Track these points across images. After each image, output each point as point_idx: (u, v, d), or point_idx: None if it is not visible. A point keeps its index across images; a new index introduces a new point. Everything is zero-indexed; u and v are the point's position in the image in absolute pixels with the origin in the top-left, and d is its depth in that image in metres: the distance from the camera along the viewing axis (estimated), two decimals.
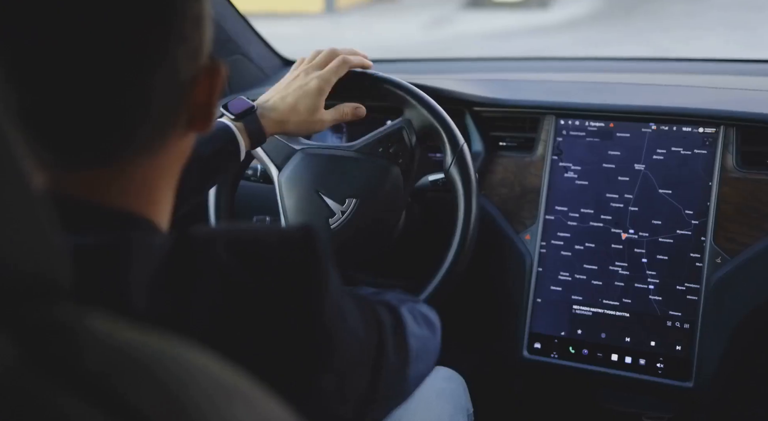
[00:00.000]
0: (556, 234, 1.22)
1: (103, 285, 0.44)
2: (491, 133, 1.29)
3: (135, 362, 0.34)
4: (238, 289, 0.48)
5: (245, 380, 0.38)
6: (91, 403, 0.31)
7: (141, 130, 0.49)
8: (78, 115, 0.47)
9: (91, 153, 0.49)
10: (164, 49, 0.48)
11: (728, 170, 1.14)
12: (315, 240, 0.52)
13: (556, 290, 1.22)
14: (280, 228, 0.53)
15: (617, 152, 1.20)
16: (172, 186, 0.56)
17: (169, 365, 0.35)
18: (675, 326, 1.15)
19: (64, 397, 0.30)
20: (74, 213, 0.48)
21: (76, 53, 0.45)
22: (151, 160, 0.52)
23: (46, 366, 0.31)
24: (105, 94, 0.47)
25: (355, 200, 1.09)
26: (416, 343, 0.64)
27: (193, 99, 0.53)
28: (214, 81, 0.54)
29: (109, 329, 0.35)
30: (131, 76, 0.47)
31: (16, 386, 0.29)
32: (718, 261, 1.13)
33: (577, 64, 1.70)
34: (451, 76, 1.44)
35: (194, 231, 0.50)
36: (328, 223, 1.09)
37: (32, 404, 0.29)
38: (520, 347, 1.22)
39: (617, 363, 1.17)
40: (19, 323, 0.32)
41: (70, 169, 0.49)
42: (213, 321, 0.46)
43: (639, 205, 1.18)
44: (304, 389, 0.50)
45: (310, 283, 0.51)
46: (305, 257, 0.51)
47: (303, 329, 0.50)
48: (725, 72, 1.53)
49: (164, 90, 0.49)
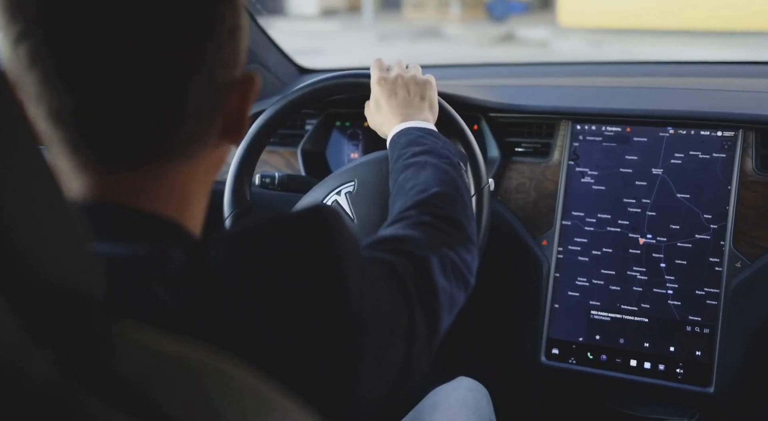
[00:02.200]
0: (573, 239, 1.22)
1: (135, 295, 0.45)
2: (507, 138, 1.29)
3: (169, 371, 0.34)
4: (261, 291, 0.47)
5: (279, 392, 0.38)
6: (125, 411, 0.31)
7: (176, 135, 0.51)
8: (117, 117, 0.48)
9: (128, 154, 0.50)
10: (202, 56, 0.49)
11: (747, 174, 1.13)
12: (324, 220, 0.51)
13: (573, 296, 1.21)
14: (288, 217, 0.52)
15: (634, 157, 1.19)
16: (204, 194, 0.57)
17: (202, 374, 0.35)
18: (695, 331, 1.14)
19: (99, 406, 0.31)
20: (109, 216, 0.50)
21: (117, 57, 0.46)
22: (185, 167, 0.53)
23: (81, 376, 0.31)
24: (143, 97, 0.48)
25: (353, 181, 1.08)
26: (443, 299, 0.63)
27: (228, 107, 0.54)
28: (247, 90, 0.55)
29: (143, 338, 0.35)
30: (169, 80, 0.48)
31: (53, 395, 0.30)
32: (738, 265, 1.12)
33: (592, 69, 1.69)
34: (467, 81, 1.44)
35: (211, 237, 0.50)
36: None
37: (69, 414, 0.30)
38: (538, 353, 1.21)
39: (636, 369, 1.17)
40: (58, 336, 0.32)
41: (109, 170, 0.50)
42: (243, 325, 0.46)
43: (657, 210, 1.17)
44: (345, 381, 0.49)
45: (330, 270, 0.50)
46: (318, 243, 0.50)
47: (333, 322, 0.49)
48: (743, 75, 1.51)
49: (200, 96, 0.50)
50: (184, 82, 0.49)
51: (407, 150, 0.87)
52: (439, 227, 0.70)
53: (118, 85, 0.47)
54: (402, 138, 0.91)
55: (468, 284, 0.70)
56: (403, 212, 0.73)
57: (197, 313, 0.45)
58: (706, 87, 1.36)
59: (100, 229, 0.49)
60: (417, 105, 0.98)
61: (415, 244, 0.66)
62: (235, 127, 0.55)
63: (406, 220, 0.71)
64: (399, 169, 0.85)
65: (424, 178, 0.79)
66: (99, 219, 0.50)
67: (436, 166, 0.81)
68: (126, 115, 0.48)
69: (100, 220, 0.50)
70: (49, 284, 0.33)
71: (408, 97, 0.98)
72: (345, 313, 0.49)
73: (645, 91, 1.35)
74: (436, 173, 0.80)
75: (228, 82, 0.53)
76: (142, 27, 0.46)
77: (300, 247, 0.50)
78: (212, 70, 0.50)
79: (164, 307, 0.44)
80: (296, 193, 1.15)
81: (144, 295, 0.45)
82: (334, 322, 0.49)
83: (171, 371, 0.34)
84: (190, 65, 0.49)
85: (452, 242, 0.70)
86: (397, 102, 0.98)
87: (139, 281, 0.45)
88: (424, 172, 0.81)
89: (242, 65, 0.55)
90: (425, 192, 0.76)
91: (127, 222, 0.50)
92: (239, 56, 0.54)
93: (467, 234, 0.73)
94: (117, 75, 0.47)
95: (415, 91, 0.99)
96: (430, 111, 0.98)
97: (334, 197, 1.07)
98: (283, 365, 0.45)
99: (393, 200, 0.81)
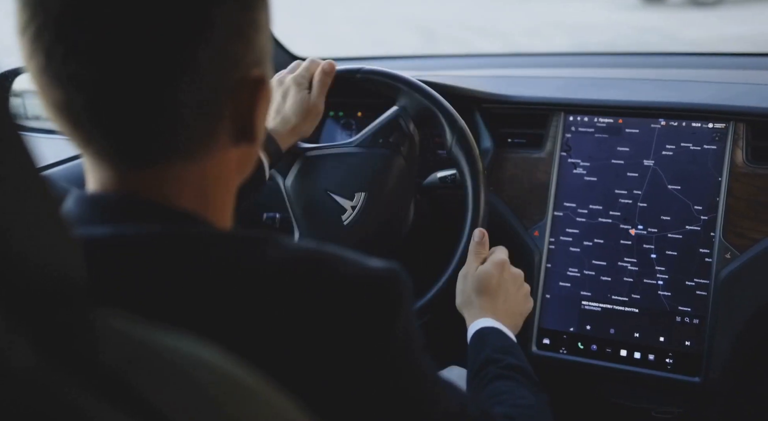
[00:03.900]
0: (564, 230, 1.22)
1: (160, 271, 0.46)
2: (500, 129, 1.29)
3: (152, 359, 0.34)
4: (302, 310, 0.47)
5: (263, 381, 0.38)
6: (109, 399, 0.31)
7: (177, 136, 0.50)
8: (117, 118, 0.48)
9: (138, 153, 0.50)
10: (194, 57, 0.48)
11: (738, 166, 1.14)
12: (397, 284, 0.51)
13: (564, 286, 1.22)
14: (365, 264, 0.51)
15: (626, 148, 1.20)
16: (228, 195, 0.56)
17: (186, 362, 0.35)
18: (684, 321, 1.15)
19: (82, 393, 0.31)
20: (131, 207, 0.50)
21: (106, 59, 0.46)
22: (197, 167, 0.52)
23: (65, 363, 0.31)
24: (135, 98, 0.48)
25: (363, 194, 1.09)
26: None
27: (234, 111, 0.52)
28: (255, 94, 0.53)
29: (126, 326, 0.35)
30: (160, 81, 0.47)
31: (36, 383, 0.30)
32: (728, 257, 1.12)
33: (585, 60, 1.69)
34: (460, 72, 1.44)
35: (273, 238, 0.50)
36: (341, 220, 1.09)
37: (52, 401, 0.30)
38: (529, 343, 1.22)
39: (626, 359, 1.17)
40: (37, 322, 0.32)
41: (130, 166, 0.51)
42: (265, 335, 0.46)
43: (648, 201, 1.18)
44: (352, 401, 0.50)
45: (377, 328, 0.49)
46: (381, 300, 0.50)
47: (360, 366, 0.49)
48: (734, 66, 1.52)
49: (194, 99, 0.49)
50: (176, 83, 0.48)
51: (503, 357, 0.85)
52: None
53: (112, 87, 0.47)
54: (493, 339, 0.89)
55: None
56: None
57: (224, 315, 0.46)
58: (697, 79, 1.37)
59: (119, 216, 0.50)
60: (511, 314, 0.96)
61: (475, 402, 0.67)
62: (246, 129, 0.53)
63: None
64: (492, 374, 0.83)
65: (528, 404, 0.78)
66: (123, 206, 0.50)
67: (537, 397, 0.81)
68: (123, 117, 0.48)
69: (123, 207, 0.50)
70: (27, 268, 0.32)
71: (509, 303, 0.97)
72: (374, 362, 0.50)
73: (637, 82, 1.35)
74: (538, 405, 0.80)
75: (231, 84, 0.51)
76: (133, 27, 0.46)
77: (364, 300, 0.49)
78: (208, 71, 0.49)
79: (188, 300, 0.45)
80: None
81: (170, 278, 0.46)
82: (361, 365, 0.49)
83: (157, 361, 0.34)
84: (182, 67, 0.47)
85: None
86: (500, 298, 0.96)
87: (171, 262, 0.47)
88: (526, 394, 0.80)
89: (252, 66, 0.52)
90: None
91: (150, 210, 0.51)
92: (246, 57, 0.51)
93: None
94: (108, 77, 0.47)
95: (519, 301, 0.98)
96: (515, 329, 0.96)
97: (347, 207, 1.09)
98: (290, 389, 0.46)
99: (482, 400, 0.79)
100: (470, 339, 0.91)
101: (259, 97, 0.53)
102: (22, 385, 0.29)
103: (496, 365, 0.84)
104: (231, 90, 0.51)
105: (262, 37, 0.53)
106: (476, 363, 0.86)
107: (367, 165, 1.10)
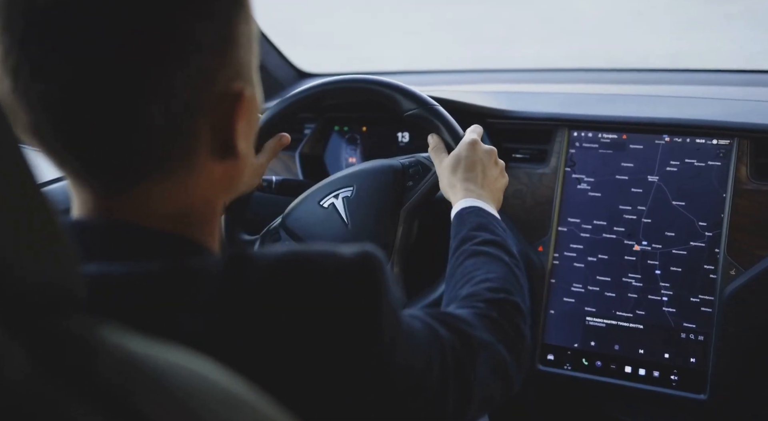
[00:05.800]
0: (568, 246, 1.22)
1: (153, 310, 0.45)
2: (505, 144, 1.29)
3: (147, 372, 0.34)
4: (290, 317, 0.47)
5: (254, 392, 0.38)
6: (103, 412, 0.31)
7: (151, 155, 0.49)
8: (87, 139, 0.47)
9: (113, 174, 0.49)
10: (163, 75, 0.46)
11: (742, 182, 1.14)
12: (374, 270, 0.50)
13: (569, 302, 1.21)
14: (337, 257, 0.50)
15: (630, 164, 1.20)
16: (214, 210, 0.55)
17: (180, 377, 0.35)
18: (689, 338, 1.14)
19: (77, 406, 0.31)
20: (115, 237, 0.49)
21: (74, 77, 0.45)
22: (180, 184, 0.51)
23: (60, 375, 0.31)
24: (103, 119, 0.47)
25: (352, 187, 1.08)
26: (478, 387, 0.63)
27: (214, 126, 0.51)
28: (234, 108, 0.51)
29: (122, 340, 0.35)
30: (128, 101, 0.46)
31: (30, 394, 0.30)
32: (732, 273, 1.12)
33: (589, 76, 1.70)
34: (465, 87, 1.44)
35: (249, 254, 0.49)
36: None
37: (46, 413, 0.30)
38: (534, 359, 1.22)
39: (631, 375, 1.17)
40: (33, 332, 0.32)
41: (108, 188, 0.50)
42: (262, 348, 0.46)
43: (652, 217, 1.18)
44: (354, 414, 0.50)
45: (369, 320, 0.49)
46: (361, 289, 0.49)
47: (356, 364, 0.49)
48: (739, 83, 1.52)
49: (167, 116, 0.48)
50: (146, 101, 0.46)
51: (478, 234, 0.85)
52: (503, 328, 0.71)
53: (74, 106, 0.46)
54: (472, 217, 0.88)
55: (511, 388, 0.70)
56: (471, 301, 0.73)
57: (221, 329, 0.45)
58: (702, 95, 1.37)
59: (104, 246, 0.49)
60: (491, 189, 0.96)
61: (472, 328, 0.66)
62: (228, 145, 0.52)
63: (473, 309, 0.71)
64: (467, 252, 0.82)
65: (497, 277, 0.78)
66: (102, 236, 0.49)
67: (509, 267, 0.80)
68: (89, 136, 0.47)
69: (103, 237, 0.49)
70: (25, 280, 0.32)
71: (488, 178, 0.96)
72: (370, 359, 0.50)
73: (642, 98, 1.35)
74: (509, 276, 0.79)
75: (208, 100, 0.49)
76: (97, 44, 0.45)
77: (345, 293, 0.49)
78: (180, 89, 0.47)
79: (187, 329, 0.44)
80: (293, 197, 1.15)
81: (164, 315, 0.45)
82: (357, 364, 0.49)
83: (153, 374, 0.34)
84: (153, 85, 0.46)
85: (510, 345, 0.70)
86: (479, 176, 0.95)
87: (160, 300, 0.45)
88: (495, 267, 0.79)
89: (231, 81, 0.51)
90: (498, 292, 0.75)
91: (134, 236, 0.49)
92: (224, 72, 0.50)
93: (525, 345, 0.73)
94: (71, 96, 0.46)
95: (495, 176, 0.98)
96: (496, 203, 0.96)
97: (331, 200, 1.07)
98: (298, 398, 0.45)
99: (455, 282, 0.79)
100: (452, 222, 0.91)
101: (239, 110, 0.51)
102: (16, 395, 0.29)
103: (470, 242, 0.84)
104: (207, 105, 0.50)
105: (241, 52, 0.52)
106: (453, 243, 0.86)
107: (361, 169, 1.08)
